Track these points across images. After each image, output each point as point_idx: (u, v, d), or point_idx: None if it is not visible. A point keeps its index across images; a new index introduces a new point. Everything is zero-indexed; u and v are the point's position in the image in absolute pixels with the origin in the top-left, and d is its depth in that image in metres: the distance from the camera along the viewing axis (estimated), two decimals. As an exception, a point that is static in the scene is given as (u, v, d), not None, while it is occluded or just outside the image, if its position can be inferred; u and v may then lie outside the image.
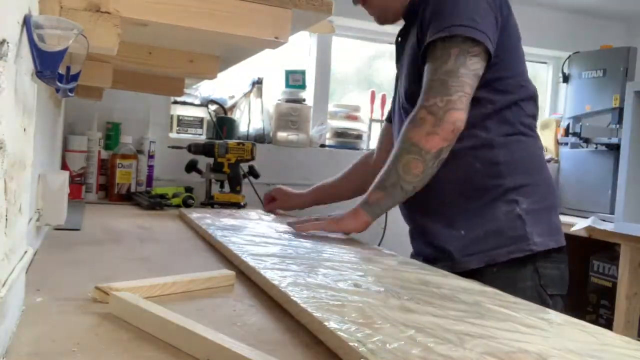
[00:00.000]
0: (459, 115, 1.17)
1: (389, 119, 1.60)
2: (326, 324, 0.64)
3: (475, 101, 1.21)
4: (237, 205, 1.93)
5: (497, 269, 1.20)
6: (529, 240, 1.21)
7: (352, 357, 0.57)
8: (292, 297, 0.75)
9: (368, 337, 0.60)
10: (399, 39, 1.44)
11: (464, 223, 1.24)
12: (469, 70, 1.18)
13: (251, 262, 0.96)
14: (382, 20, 1.44)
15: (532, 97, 1.31)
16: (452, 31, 1.18)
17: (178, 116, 2.40)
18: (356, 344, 0.57)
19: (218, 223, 1.44)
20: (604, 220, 2.36)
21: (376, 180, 1.25)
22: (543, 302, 1.18)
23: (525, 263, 1.21)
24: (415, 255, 1.36)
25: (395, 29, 1.45)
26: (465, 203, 1.25)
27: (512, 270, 1.20)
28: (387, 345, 0.58)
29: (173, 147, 2.07)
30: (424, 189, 1.22)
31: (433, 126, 1.16)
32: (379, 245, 1.59)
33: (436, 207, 1.28)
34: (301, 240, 1.25)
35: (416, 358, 0.56)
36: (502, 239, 1.21)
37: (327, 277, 0.88)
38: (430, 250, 1.30)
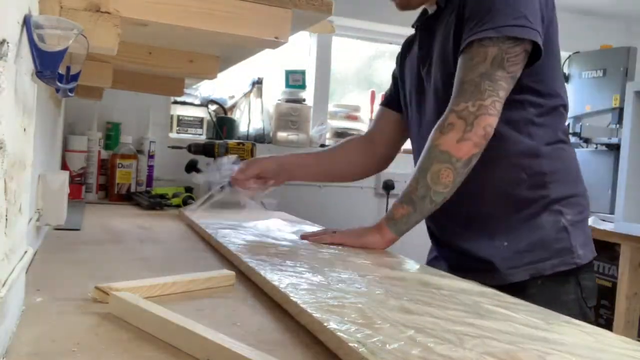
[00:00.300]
0: (490, 120, 1.09)
1: (386, 104, 1.49)
2: (326, 324, 0.64)
3: (518, 104, 1.15)
4: (237, 205, 1.93)
5: (542, 281, 1.15)
6: (573, 253, 1.16)
7: (352, 357, 0.57)
8: (291, 298, 0.74)
9: (368, 338, 0.60)
10: (426, 22, 1.30)
11: (506, 234, 1.18)
12: (507, 73, 1.09)
13: (251, 262, 0.96)
14: (404, 4, 1.29)
15: (567, 104, 1.25)
16: (501, 32, 1.08)
17: (178, 116, 2.40)
18: (356, 345, 0.57)
19: (218, 223, 1.44)
20: (604, 220, 2.36)
21: (401, 194, 1.17)
22: (584, 316, 1.14)
23: (569, 276, 1.16)
24: (437, 259, 1.30)
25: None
26: (508, 213, 1.19)
27: (556, 283, 1.16)
28: (387, 345, 0.58)
29: (173, 147, 2.07)
30: (463, 197, 1.14)
31: (464, 132, 1.08)
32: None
33: (475, 216, 1.21)
34: (301, 241, 1.25)
35: (416, 358, 0.56)
36: (548, 252, 1.16)
37: (327, 277, 0.88)
38: (458, 258, 1.24)
